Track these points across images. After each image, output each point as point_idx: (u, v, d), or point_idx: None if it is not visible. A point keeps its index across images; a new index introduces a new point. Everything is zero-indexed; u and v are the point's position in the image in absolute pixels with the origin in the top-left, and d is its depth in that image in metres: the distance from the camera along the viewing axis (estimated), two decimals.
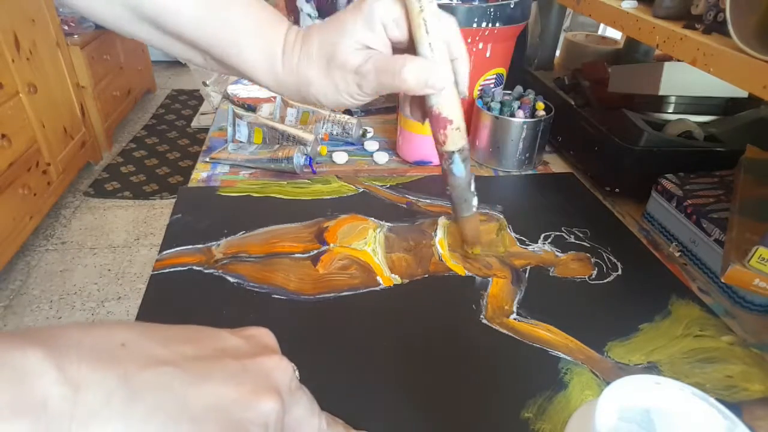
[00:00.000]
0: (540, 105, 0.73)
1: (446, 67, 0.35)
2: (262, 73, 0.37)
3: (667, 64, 0.67)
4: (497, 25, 0.71)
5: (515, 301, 0.50)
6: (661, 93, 0.68)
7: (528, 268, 0.55)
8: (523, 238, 0.59)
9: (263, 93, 0.93)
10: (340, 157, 0.74)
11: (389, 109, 0.90)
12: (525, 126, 0.70)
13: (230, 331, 0.26)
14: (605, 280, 0.54)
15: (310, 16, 1.04)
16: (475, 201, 0.45)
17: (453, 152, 0.40)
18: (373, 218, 0.61)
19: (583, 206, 0.67)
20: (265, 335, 0.27)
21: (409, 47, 0.35)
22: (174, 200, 0.63)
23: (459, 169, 0.42)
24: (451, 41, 0.36)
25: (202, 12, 0.35)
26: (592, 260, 0.56)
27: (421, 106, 0.39)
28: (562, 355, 0.45)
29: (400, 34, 0.34)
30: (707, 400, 0.25)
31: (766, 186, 0.56)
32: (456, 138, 0.39)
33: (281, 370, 0.25)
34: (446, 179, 0.43)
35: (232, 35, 0.36)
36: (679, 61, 0.51)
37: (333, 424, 0.30)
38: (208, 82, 1.23)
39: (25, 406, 0.18)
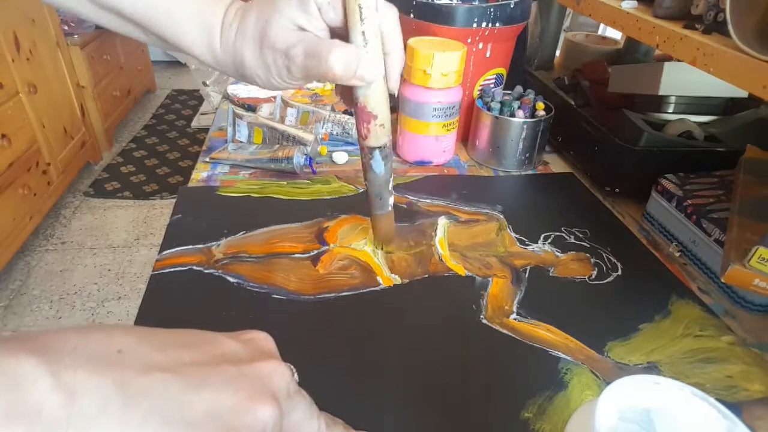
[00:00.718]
0: (540, 105, 0.73)
1: (377, 59, 0.34)
2: (199, 49, 0.36)
3: (667, 64, 0.67)
4: (497, 25, 0.71)
5: (515, 301, 0.50)
6: (661, 93, 0.68)
7: (528, 268, 0.55)
8: (523, 238, 0.60)
9: (263, 93, 0.93)
10: (340, 157, 0.74)
11: (389, 109, 0.90)
12: (525, 126, 0.70)
13: (228, 335, 0.26)
14: (605, 281, 0.54)
15: None
16: (391, 200, 0.44)
17: (374, 148, 0.39)
18: None
19: (583, 206, 0.67)
20: (263, 339, 0.27)
21: (344, 34, 0.34)
22: (174, 200, 0.63)
23: (378, 166, 0.41)
24: (388, 33, 0.34)
25: None
26: (592, 260, 0.56)
27: (349, 94, 0.38)
28: (562, 355, 0.45)
29: (336, 18, 0.33)
30: (707, 400, 0.25)
31: (766, 186, 0.56)
32: (379, 134, 0.38)
33: (279, 375, 0.25)
34: (365, 174, 0.42)
35: (169, 8, 0.35)
36: (679, 61, 0.51)
37: (332, 425, 0.30)
38: (208, 82, 1.23)
39: (20, 413, 0.18)
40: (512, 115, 0.71)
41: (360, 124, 0.38)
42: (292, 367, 0.28)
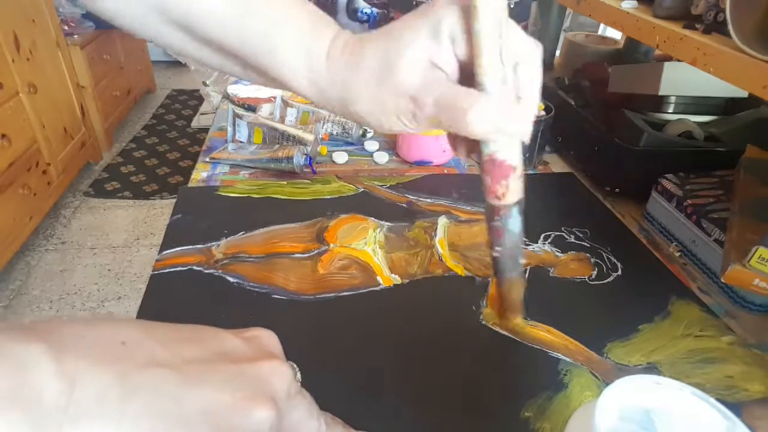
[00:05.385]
0: (540, 105, 0.73)
1: (528, 112, 0.28)
2: (303, 83, 0.31)
3: (667, 64, 0.67)
4: None
5: None
6: (661, 93, 0.68)
7: (528, 268, 0.55)
8: (523, 238, 0.59)
9: (263, 93, 0.93)
10: (340, 157, 0.74)
11: None
12: None
13: (232, 332, 0.26)
14: (605, 281, 0.54)
15: None
16: (523, 259, 0.36)
17: (513, 205, 0.33)
18: (373, 218, 0.61)
19: (583, 206, 0.67)
20: (266, 337, 0.27)
21: (471, 70, 0.27)
22: (174, 200, 0.63)
23: (516, 224, 0.34)
24: (527, 78, 0.28)
25: (234, 11, 0.30)
26: (592, 260, 0.56)
27: (470, 143, 0.32)
28: (562, 357, 0.45)
29: (470, 53, 0.27)
30: (707, 400, 0.25)
31: (766, 186, 0.56)
32: (518, 188, 0.32)
33: (280, 376, 0.25)
34: (497, 239, 0.34)
35: (268, 40, 0.30)
36: (679, 61, 0.51)
37: (333, 425, 0.30)
38: (208, 82, 1.23)
39: (21, 397, 0.18)
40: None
41: (495, 182, 0.31)
42: (294, 366, 0.28)
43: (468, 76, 0.28)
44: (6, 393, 0.18)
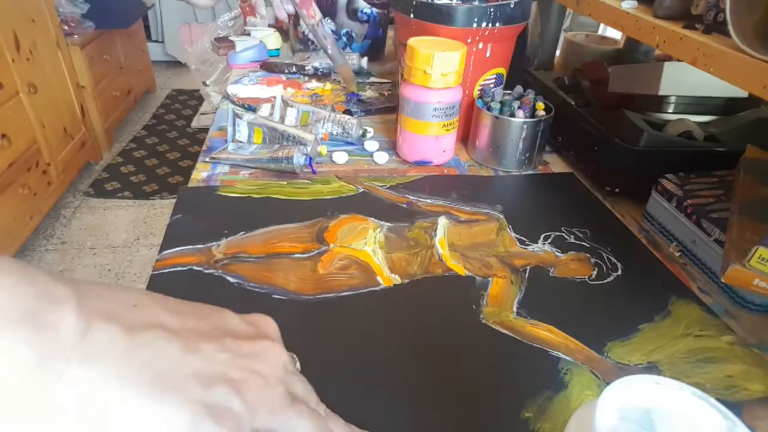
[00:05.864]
0: (540, 105, 0.73)
1: None
2: None
3: (667, 64, 0.67)
4: (497, 25, 0.71)
5: (515, 301, 0.50)
6: (661, 93, 0.68)
7: (528, 268, 0.55)
8: (523, 238, 0.60)
9: (263, 93, 0.93)
10: (340, 157, 0.74)
11: (389, 109, 0.90)
12: (525, 126, 0.70)
13: (236, 314, 0.28)
14: (605, 281, 0.54)
15: None
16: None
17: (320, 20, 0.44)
18: (373, 218, 0.61)
19: (583, 206, 0.67)
20: (266, 322, 0.30)
21: None
22: (174, 200, 0.63)
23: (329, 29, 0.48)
24: None
25: None
26: (592, 260, 0.56)
27: None
28: (562, 356, 0.45)
29: None
30: (707, 400, 0.25)
31: (766, 186, 0.56)
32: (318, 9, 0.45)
33: (273, 354, 0.27)
34: (324, 45, 0.49)
35: None
36: (679, 61, 0.51)
37: (332, 414, 0.30)
38: (208, 82, 1.23)
39: (40, 320, 0.19)
40: (512, 115, 0.71)
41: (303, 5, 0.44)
42: (294, 355, 0.30)
43: None
44: (27, 312, 0.19)
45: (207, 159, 0.72)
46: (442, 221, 0.62)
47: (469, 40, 0.72)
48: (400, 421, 0.38)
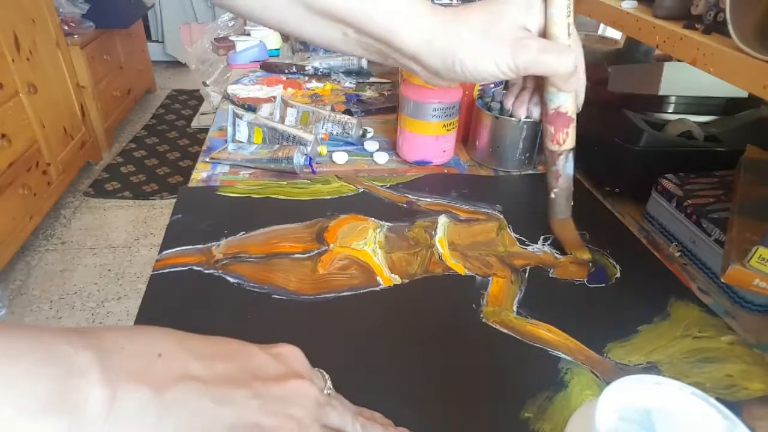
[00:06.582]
0: None
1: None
2: (407, 30, 0.37)
3: (667, 64, 0.67)
4: None
5: (515, 301, 0.50)
6: (661, 93, 0.68)
7: (528, 268, 0.55)
8: (523, 239, 0.59)
9: (263, 93, 0.93)
10: (340, 157, 0.74)
11: (389, 109, 0.90)
12: (525, 126, 0.70)
13: (260, 348, 0.28)
14: (605, 282, 0.54)
15: None
16: (571, 202, 0.46)
17: (570, 150, 0.41)
18: (373, 218, 0.61)
19: (583, 206, 0.67)
20: (293, 356, 0.29)
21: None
22: (174, 200, 0.63)
23: (570, 167, 0.42)
24: (579, 50, 0.38)
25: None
26: (591, 266, 0.56)
27: (535, 96, 0.42)
28: (562, 355, 0.45)
29: (542, 20, 0.38)
30: (707, 400, 0.25)
31: (766, 186, 0.56)
32: (574, 136, 0.41)
33: (304, 394, 0.27)
34: (555, 181, 0.43)
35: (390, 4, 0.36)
36: (679, 61, 0.51)
37: (370, 427, 0.31)
38: (208, 82, 1.23)
39: (67, 400, 0.19)
40: (512, 115, 0.71)
41: (558, 131, 0.40)
42: (324, 373, 0.30)
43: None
44: (50, 397, 0.18)
45: (207, 159, 0.72)
46: (442, 220, 0.62)
47: None
48: (400, 421, 0.38)
